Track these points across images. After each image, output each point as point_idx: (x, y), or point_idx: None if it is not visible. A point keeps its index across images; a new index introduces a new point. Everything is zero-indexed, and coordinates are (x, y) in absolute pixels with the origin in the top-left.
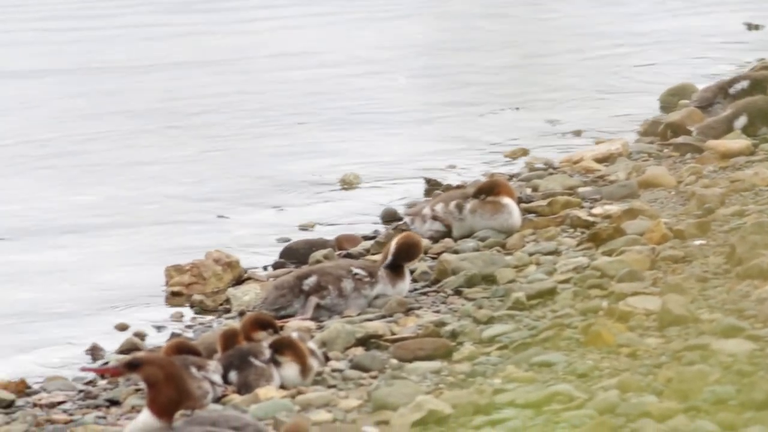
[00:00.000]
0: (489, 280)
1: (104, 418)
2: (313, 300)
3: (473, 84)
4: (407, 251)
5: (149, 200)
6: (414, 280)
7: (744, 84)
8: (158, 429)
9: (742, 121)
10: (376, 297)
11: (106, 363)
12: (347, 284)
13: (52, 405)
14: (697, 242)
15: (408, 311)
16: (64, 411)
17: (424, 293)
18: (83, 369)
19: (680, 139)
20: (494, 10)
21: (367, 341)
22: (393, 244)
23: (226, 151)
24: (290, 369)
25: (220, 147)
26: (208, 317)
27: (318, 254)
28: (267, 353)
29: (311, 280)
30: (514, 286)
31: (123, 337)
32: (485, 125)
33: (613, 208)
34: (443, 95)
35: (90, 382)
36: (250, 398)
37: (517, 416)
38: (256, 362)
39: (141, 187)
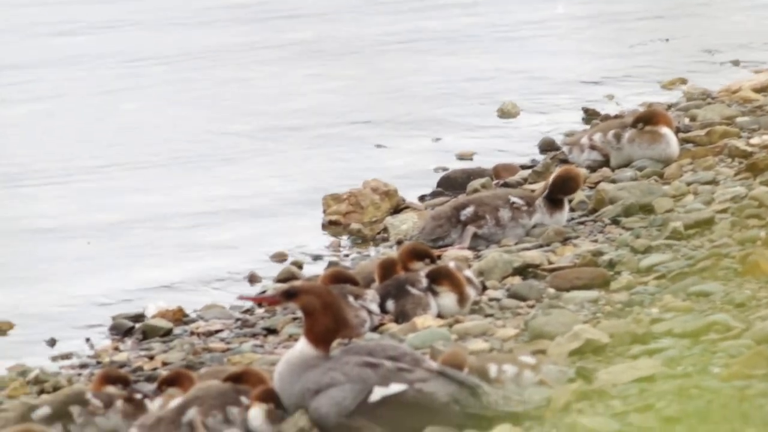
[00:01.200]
0: (646, 209)
1: (261, 346)
2: (471, 229)
3: (626, 15)
4: (564, 184)
5: (306, 128)
6: (571, 210)
7: None
8: (315, 358)
9: None
10: (534, 226)
11: (264, 292)
12: (505, 213)
13: (210, 333)
14: None
15: (565, 241)
16: (222, 340)
17: (582, 223)
18: (240, 298)
19: None
20: None
21: (524, 270)
22: (551, 177)
23: (384, 80)
24: (447, 298)
25: (378, 77)
26: (366, 246)
27: (475, 183)
28: (424, 282)
29: (469, 210)
30: (672, 216)
31: (280, 267)
32: (641, 55)
33: None
34: (600, 29)
35: (247, 311)
36: (408, 327)
37: (674, 346)
38: (414, 291)
39: (297, 116)
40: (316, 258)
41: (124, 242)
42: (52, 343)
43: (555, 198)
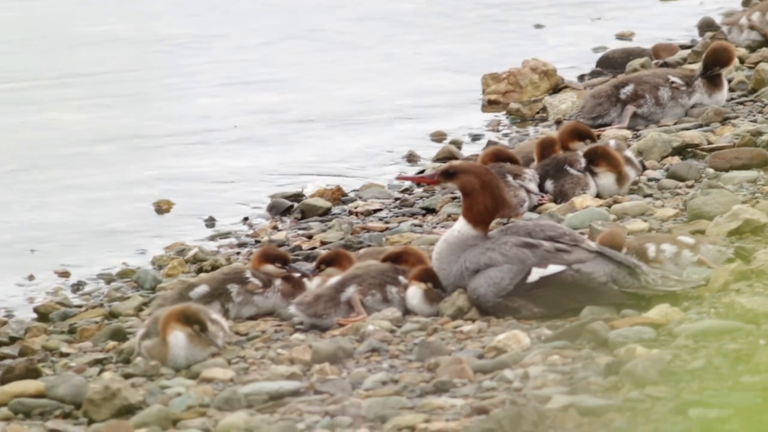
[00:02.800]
0: None
1: (420, 226)
2: (630, 109)
3: None
4: (716, 56)
5: (465, 10)
6: (731, 90)
7: None
8: (474, 238)
9: None
10: (693, 106)
11: (422, 171)
12: (664, 93)
13: (368, 213)
14: None
15: (724, 121)
16: (380, 219)
17: (741, 103)
18: (399, 178)
19: None
20: None
21: (683, 150)
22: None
23: None
24: (606, 178)
25: None
26: (524, 126)
27: (635, 63)
28: (583, 162)
29: (628, 89)
30: None
31: (439, 146)
32: None
33: None
34: None
35: (406, 190)
36: (566, 207)
37: None
38: (573, 171)
39: None
40: (475, 137)
41: (281, 122)
42: (210, 222)
43: (712, 75)
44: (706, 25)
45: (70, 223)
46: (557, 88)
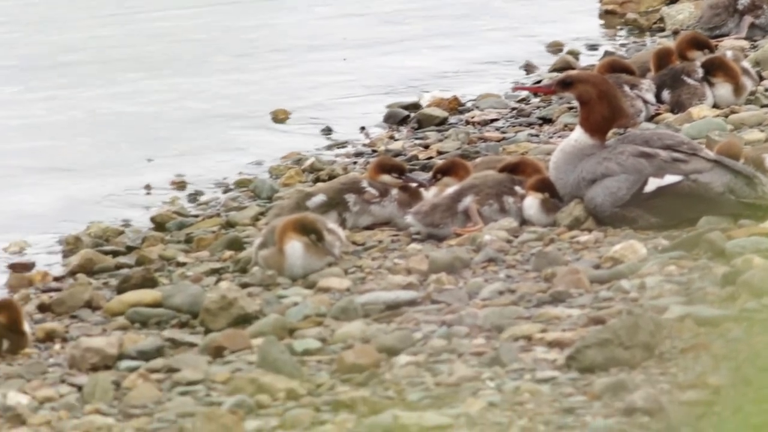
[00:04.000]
0: None
1: (536, 136)
2: (748, 19)
3: None
4: None
5: None
6: None
7: None
8: (591, 147)
9: None
10: None
11: (539, 81)
12: None
13: (485, 122)
14: None
15: None
16: (497, 129)
17: None
18: (516, 88)
19: None
20: None
21: None
22: None
23: None
24: (723, 88)
25: None
26: (642, 36)
27: None
28: (700, 73)
29: (745, 0)
30: None
31: (556, 56)
32: None
33: None
34: None
35: (522, 100)
36: (683, 117)
37: None
38: (690, 81)
39: None
40: (592, 47)
41: (398, 32)
42: (327, 131)
43: None
44: None
45: (187, 132)
46: None
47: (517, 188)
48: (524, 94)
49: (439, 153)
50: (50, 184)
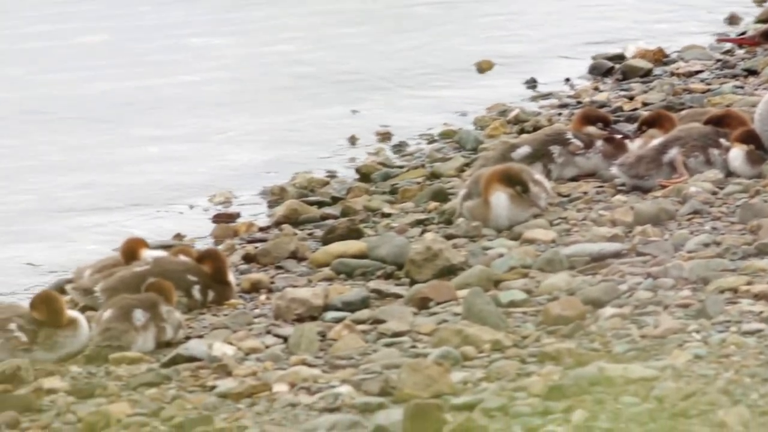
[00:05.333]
0: None
1: (741, 87)
2: None
3: None
4: None
5: None
6: None
7: None
8: None
9: None
10: None
11: (744, 33)
12: None
13: (690, 74)
14: None
15: None
16: (702, 80)
17: None
18: (720, 40)
19: None
20: None
21: None
22: None
23: None
24: None
25: None
26: None
27: None
28: None
29: None
30: None
31: (761, 8)
32: None
33: None
34: None
35: (727, 52)
36: None
37: None
38: None
39: None
40: None
41: None
42: (532, 83)
43: None
44: None
45: (392, 84)
46: None
47: (723, 140)
48: (729, 45)
49: (644, 104)
50: (255, 136)
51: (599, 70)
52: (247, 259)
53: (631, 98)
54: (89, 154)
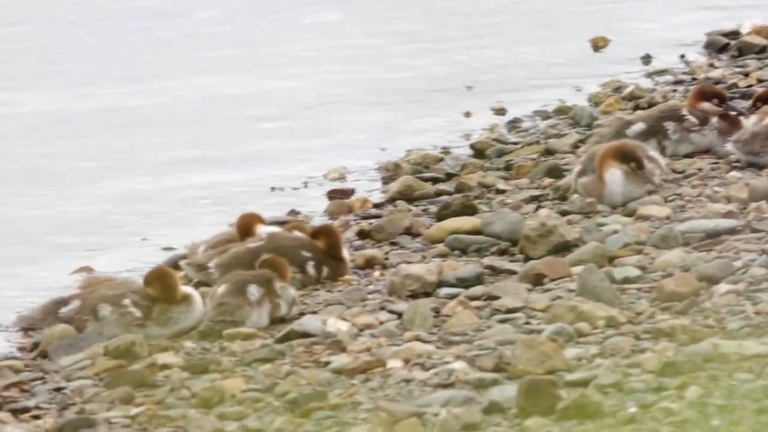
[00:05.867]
0: None
1: None
2: None
3: None
4: None
5: None
6: None
7: None
8: None
9: None
10: None
11: None
12: None
13: None
14: None
15: None
16: None
17: None
18: None
19: None
20: None
21: None
22: None
23: None
24: None
25: None
26: None
27: None
28: None
29: None
30: None
31: None
32: None
33: None
34: None
35: None
36: None
37: None
38: None
39: None
40: None
41: None
42: (647, 59)
43: None
44: None
45: (506, 61)
46: None
47: None
48: None
49: (759, 81)
50: (369, 111)
51: (714, 47)
52: (362, 235)
53: (746, 75)
54: (200, 129)
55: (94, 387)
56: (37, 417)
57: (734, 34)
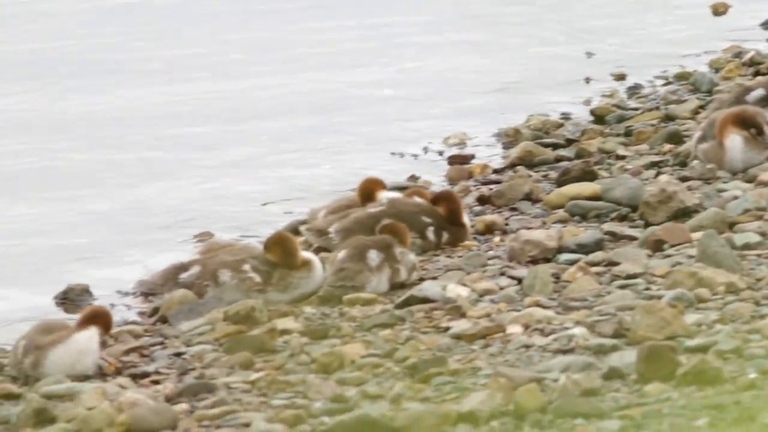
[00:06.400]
0: None
1: None
2: None
3: None
4: None
5: None
6: None
7: None
8: None
9: None
10: None
11: None
12: None
13: None
14: None
15: None
16: None
17: None
18: None
19: None
20: None
21: None
22: None
23: None
24: None
25: None
26: None
27: None
28: None
29: None
30: None
31: None
32: None
33: None
34: None
35: None
36: None
37: None
38: None
39: None
40: None
41: None
42: (767, 25)
43: None
44: None
45: (625, 23)
46: None
47: None
48: None
49: None
50: (489, 77)
51: None
52: (482, 200)
53: None
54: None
55: (214, 352)
56: (156, 382)
57: None
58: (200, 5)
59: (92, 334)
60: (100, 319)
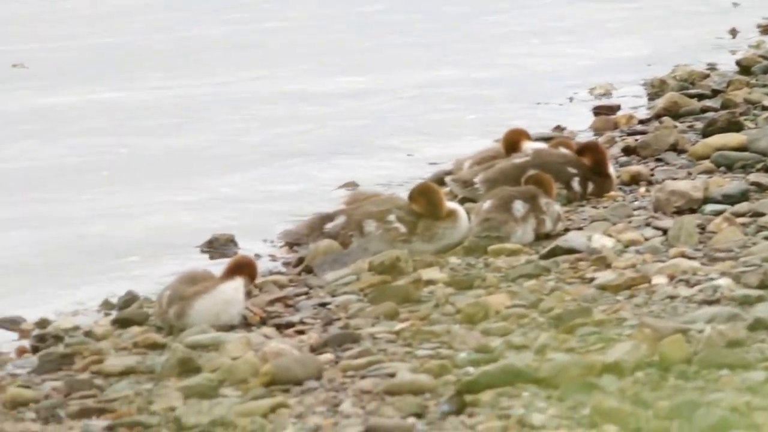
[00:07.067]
0: None
1: None
2: None
3: None
4: None
5: None
6: None
7: None
8: None
9: None
10: None
11: None
12: None
13: None
14: None
15: None
16: None
17: None
18: None
19: None
20: None
21: None
22: None
23: None
24: None
25: None
26: None
27: None
28: None
29: None
30: None
31: None
32: None
33: None
34: None
35: None
36: None
37: None
38: None
39: None
40: None
41: None
42: None
43: None
44: None
45: None
46: None
47: None
48: None
49: None
50: (634, 28)
51: None
52: (627, 151)
53: None
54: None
55: (359, 302)
56: (301, 332)
57: None
58: None
59: (238, 284)
60: (245, 269)
